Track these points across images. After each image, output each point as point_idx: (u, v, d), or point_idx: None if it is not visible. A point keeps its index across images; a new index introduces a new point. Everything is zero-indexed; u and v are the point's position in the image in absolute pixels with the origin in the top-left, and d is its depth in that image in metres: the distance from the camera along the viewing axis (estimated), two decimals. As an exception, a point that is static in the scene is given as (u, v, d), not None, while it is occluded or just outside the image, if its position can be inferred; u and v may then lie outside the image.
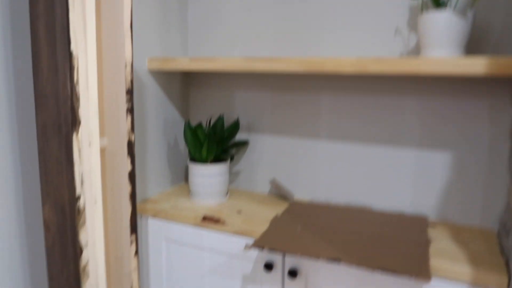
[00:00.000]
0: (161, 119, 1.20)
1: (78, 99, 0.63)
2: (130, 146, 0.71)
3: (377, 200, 1.11)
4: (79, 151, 0.65)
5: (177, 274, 1.11)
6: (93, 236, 0.67)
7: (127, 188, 0.71)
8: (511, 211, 0.85)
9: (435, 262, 0.82)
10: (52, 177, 0.68)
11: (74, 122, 0.63)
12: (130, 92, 0.70)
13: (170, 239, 1.10)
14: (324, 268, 0.90)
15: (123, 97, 0.69)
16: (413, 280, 0.82)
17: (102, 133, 0.74)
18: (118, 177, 0.72)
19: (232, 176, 1.30)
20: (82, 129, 0.65)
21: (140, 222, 1.14)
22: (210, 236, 1.04)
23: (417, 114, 1.04)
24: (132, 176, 0.72)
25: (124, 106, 0.70)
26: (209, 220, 1.03)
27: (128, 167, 0.71)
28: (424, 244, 0.88)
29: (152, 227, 1.12)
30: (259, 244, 0.87)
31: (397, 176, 1.08)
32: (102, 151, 0.74)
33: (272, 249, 0.85)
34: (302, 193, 1.21)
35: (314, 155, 1.17)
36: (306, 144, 1.18)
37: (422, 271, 0.77)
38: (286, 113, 1.19)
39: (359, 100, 1.10)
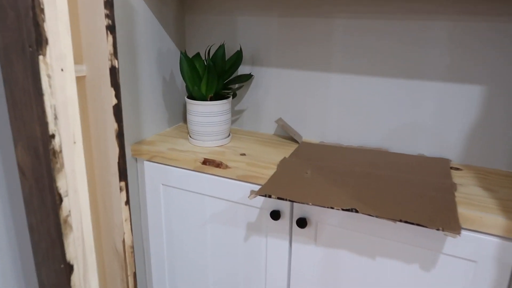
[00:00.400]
0: (155, 50, 1.06)
1: (42, 11, 0.50)
2: (114, 74, 0.59)
3: (394, 141, 1.00)
4: (49, 78, 0.53)
5: (176, 222, 1.04)
6: (74, 183, 0.58)
7: (113, 125, 0.60)
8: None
9: (462, 210, 0.72)
10: (20, 110, 0.57)
11: (39, 41, 0.51)
12: (109, 4, 0.57)
13: (168, 184, 1.02)
14: (336, 217, 0.82)
15: (101, 10, 0.56)
16: (441, 232, 0.74)
17: (79, 59, 0.62)
18: (102, 112, 0.61)
19: (235, 115, 1.19)
20: (51, 50, 0.52)
21: (135, 166, 1.05)
22: (211, 181, 0.95)
23: (444, 40, 0.89)
24: (117, 111, 0.61)
25: (102, 22, 0.56)
26: (210, 164, 0.94)
27: (113, 100, 0.60)
28: (449, 190, 0.79)
29: (148, 171, 1.04)
30: (266, 191, 0.78)
31: (417, 114, 0.96)
32: (81, 80, 0.62)
33: (280, 198, 0.76)
34: (311, 134, 1.10)
35: (324, 91, 1.05)
36: (317, 78, 1.05)
37: (451, 223, 0.68)
38: (294, 42, 1.05)
39: (379, 25, 0.94)
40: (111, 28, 0.58)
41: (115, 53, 0.59)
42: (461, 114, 0.92)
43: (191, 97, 1.04)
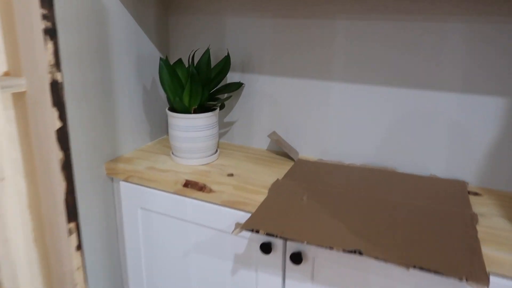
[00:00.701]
0: (133, 55, 0.95)
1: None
2: (56, 90, 0.47)
3: (402, 159, 0.88)
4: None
5: (157, 250, 0.92)
6: (3, 231, 0.46)
7: (57, 154, 0.49)
8: None
9: (486, 250, 0.60)
10: None
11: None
12: (47, 2, 0.45)
13: (147, 208, 0.90)
14: (337, 254, 0.70)
15: (36, 10, 0.44)
16: (464, 283, 0.62)
17: (18, 70, 0.50)
18: (45, 137, 0.49)
19: (223, 128, 1.07)
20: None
21: (111, 186, 0.94)
22: (194, 206, 0.83)
23: (463, 44, 0.77)
24: (62, 136, 0.49)
25: (39, 25, 0.45)
26: (192, 187, 0.82)
27: (55, 123, 0.48)
28: (469, 224, 0.67)
29: (124, 192, 0.92)
30: (253, 225, 0.66)
31: (429, 129, 0.84)
32: (22, 96, 0.50)
33: (270, 234, 0.64)
34: (309, 150, 0.98)
35: (324, 101, 0.93)
36: (315, 87, 0.93)
37: (476, 270, 0.56)
38: (290, 46, 0.93)
39: (386, 27, 0.82)
40: (51, 33, 0.46)
41: (57, 64, 0.47)
42: (479, 129, 0.80)
43: (173, 109, 0.92)
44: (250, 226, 0.66)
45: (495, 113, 0.78)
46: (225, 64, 0.94)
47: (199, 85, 0.88)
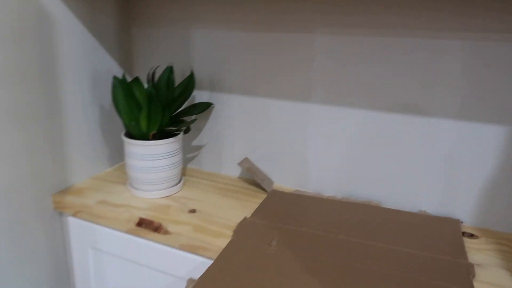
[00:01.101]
0: (88, 71, 0.84)
1: None
2: None
3: (390, 192, 0.78)
4: None
5: (110, 293, 0.81)
6: None
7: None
8: None
9: (487, 315, 0.50)
10: None
11: None
12: None
13: (98, 248, 0.78)
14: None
15: None
16: None
17: None
18: None
19: (191, 152, 0.96)
20: None
21: (59, 221, 0.82)
22: (149, 248, 0.72)
23: (460, 64, 0.67)
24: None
25: None
26: (147, 226, 0.71)
27: None
28: (465, 277, 0.56)
29: (73, 229, 0.80)
30: (207, 286, 0.55)
31: (422, 159, 0.74)
32: None
33: (227, 296, 0.53)
34: (284, 179, 0.87)
35: (303, 125, 0.82)
36: (293, 110, 0.82)
37: None
38: (265, 62, 0.82)
39: (372, 43, 0.72)
40: None
41: None
42: (477, 161, 0.70)
43: (129, 134, 0.81)
44: (203, 287, 0.55)
45: (495, 143, 0.68)
46: (189, 83, 0.84)
47: (159, 107, 0.77)
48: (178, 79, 0.91)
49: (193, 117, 0.92)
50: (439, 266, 0.59)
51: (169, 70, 0.81)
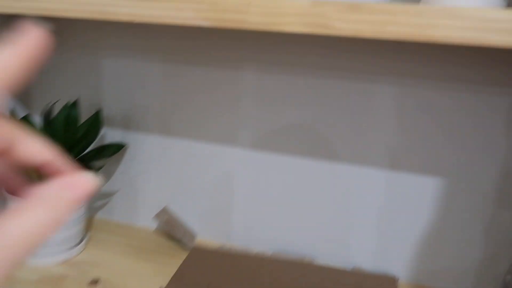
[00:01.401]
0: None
1: None
2: None
3: (322, 247, 0.71)
4: None
5: None
6: None
7: None
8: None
9: None
10: None
11: None
12: None
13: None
14: None
15: None
16: None
17: None
18: None
19: (101, 199, 0.82)
20: None
21: None
22: (34, 332, 0.57)
23: (394, 111, 0.63)
24: None
25: None
26: (32, 304, 0.56)
27: None
28: None
29: None
30: None
31: (354, 211, 0.68)
32: None
33: None
34: (209, 232, 0.77)
35: (228, 171, 0.73)
36: (217, 153, 0.73)
37: None
38: (186, 99, 0.73)
39: (304, 86, 0.66)
40: None
41: None
42: (411, 214, 0.65)
43: (16, 184, 0.66)
44: None
45: (431, 195, 0.64)
46: (96, 120, 0.71)
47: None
48: (85, 115, 0.78)
49: (101, 162, 0.78)
50: None
51: (71, 105, 0.68)
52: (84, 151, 0.71)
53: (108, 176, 0.80)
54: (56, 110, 0.76)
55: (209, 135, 0.73)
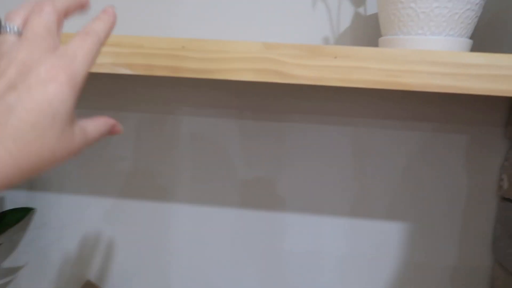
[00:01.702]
0: None
1: None
2: None
3: (282, 307, 0.63)
4: None
5: None
6: None
7: None
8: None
9: None
10: None
11: None
12: None
13: None
14: None
15: None
16: None
17: None
18: None
19: (1, 277, 0.66)
20: None
21: None
22: None
23: (350, 155, 0.58)
24: None
25: None
26: None
27: None
28: None
29: None
30: None
31: (315, 266, 0.61)
32: None
33: None
34: (145, 305, 0.65)
35: (161, 228, 0.62)
36: (148, 212, 0.62)
37: None
38: (106, 150, 0.61)
39: (248, 132, 0.59)
40: None
41: None
42: (375, 263, 0.60)
43: None
44: None
45: (394, 242, 0.59)
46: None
47: None
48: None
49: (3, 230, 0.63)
50: None
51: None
52: (-25, 224, 0.56)
53: (11, 248, 0.65)
54: None
55: (136, 192, 0.62)
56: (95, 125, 0.27)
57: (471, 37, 0.39)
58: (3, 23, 0.25)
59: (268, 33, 0.54)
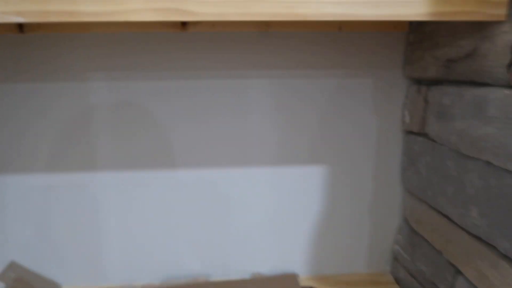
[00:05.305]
0: None
1: None
2: None
3: (218, 263, 0.65)
4: None
5: None
6: None
7: None
8: (412, 230, 0.52)
9: None
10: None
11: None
12: None
13: None
14: None
15: None
16: None
17: None
18: None
19: None
20: None
21: None
22: None
23: (267, 106, 0.60)
24: None
25: None
26: None
27: None
28: None
29: None
30: None
31: (245, 218, 0.63)
32: None
33: None
34: (78, 278, 0.63)
35: (89, 202, 0.61)
36: (71, 184, 0.60)
37: None
38: (20, 115, 0.58)
39: (162, 86, 0.58)
40: None
41: None
42: (301, 207, 0.64)
43: None
44: None
45: (317, 186, 0.63)
46: None
47: None
48: None
49: None
50: None
51: None
52: None
53: None
54: None
55: (55, 164, 0.59)
56: None
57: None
58: None
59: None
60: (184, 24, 0.54)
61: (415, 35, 0.56)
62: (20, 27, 0.53)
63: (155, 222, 0.62)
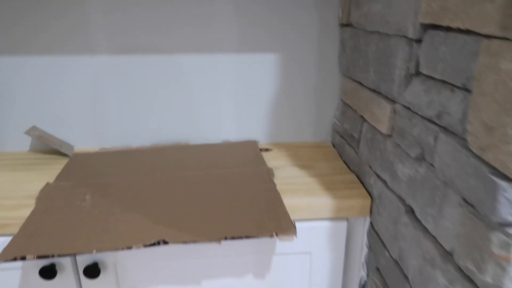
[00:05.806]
0: None
1: None
2: None
3: (194, 131, 0.83)
4: None
5: None
6: None
7: None
8: (344, 103, 0.69)
9: (287, 200, 0.60)
10: None
11: None
12: None
13: None
14: (140, 252, 0.59)
15: None
16: (275, 239, 0.60)
17: None
18: None
19: (-40, 132, 0.79)
20: None
21: None
22: None
23: (232, 5, 0.75)
24: None
25: None
26: None
27: None
28: (267, 179, 0.66)
29: None
30: (14, 253, 0.48)
31: (214, 94, 0.80)
32: None
33: (43, 256, 0.48)
34: (86, 141, 0.82)
35: (92, 79, 0.78)
36: (75, 63, 0.76)
37: (282, 223, 0.54)
38: (35, 11, 0.73)
39: (148, -12, 0.73)
40: None
41: None
42: (260, 88, 0.81)
43: None
44: (10, 254, 0.47)
45: (272, 69, 0.79)
46: None
47: None
48: None
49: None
50: (245, 175, 0.67)
51: None
52: None
53: (-39, 108, 0.77)
54: None
55: (62, 46, 0.75)
56: None
57: None
58: None
59: None
60: None
61: None
62: None
63: (149, 92, 0.79)
